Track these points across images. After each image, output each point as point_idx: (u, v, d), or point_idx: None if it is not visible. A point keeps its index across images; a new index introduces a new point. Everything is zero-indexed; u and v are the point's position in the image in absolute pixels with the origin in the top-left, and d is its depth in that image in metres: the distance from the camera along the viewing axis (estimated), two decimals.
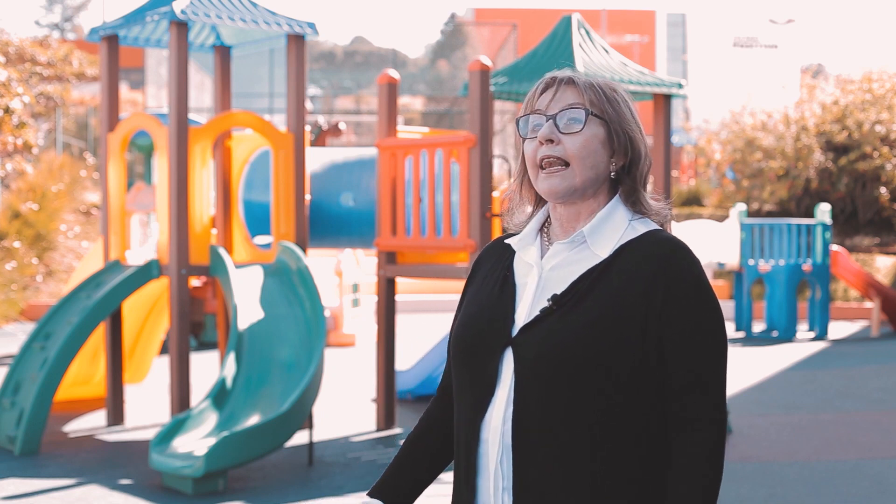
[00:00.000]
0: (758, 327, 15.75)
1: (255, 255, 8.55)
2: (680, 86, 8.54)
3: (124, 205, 8.56)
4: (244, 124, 8.39)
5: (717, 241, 15.37)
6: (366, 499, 2.23)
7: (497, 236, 2.40)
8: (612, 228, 2.09)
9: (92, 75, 22.18)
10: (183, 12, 7.80)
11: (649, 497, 2.02)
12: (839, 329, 16.12)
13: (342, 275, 14.24)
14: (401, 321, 13.21)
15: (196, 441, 6.78)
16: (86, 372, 9.67)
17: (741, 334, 15.39)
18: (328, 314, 14.07)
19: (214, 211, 8.80)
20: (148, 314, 9.84)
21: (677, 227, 15.45)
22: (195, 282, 12.53)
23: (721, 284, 18.37)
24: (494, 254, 2.23)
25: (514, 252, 2.18)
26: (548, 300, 2.06)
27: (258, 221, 8.75)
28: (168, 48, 8.02)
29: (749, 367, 12.03)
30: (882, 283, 15.86)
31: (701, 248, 15.20)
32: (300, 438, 7.83)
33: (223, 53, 9.10)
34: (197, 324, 13.46)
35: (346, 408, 9.46)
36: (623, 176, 2.12)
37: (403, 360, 10.73)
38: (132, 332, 9.82)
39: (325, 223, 8.82)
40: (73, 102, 24.93)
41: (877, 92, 21.34)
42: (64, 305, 8.24)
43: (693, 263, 2.06)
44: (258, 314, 7.57)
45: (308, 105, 12.70)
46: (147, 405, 9.38)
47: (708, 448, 2.01)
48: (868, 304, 17.23)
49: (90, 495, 6.54)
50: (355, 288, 14.57)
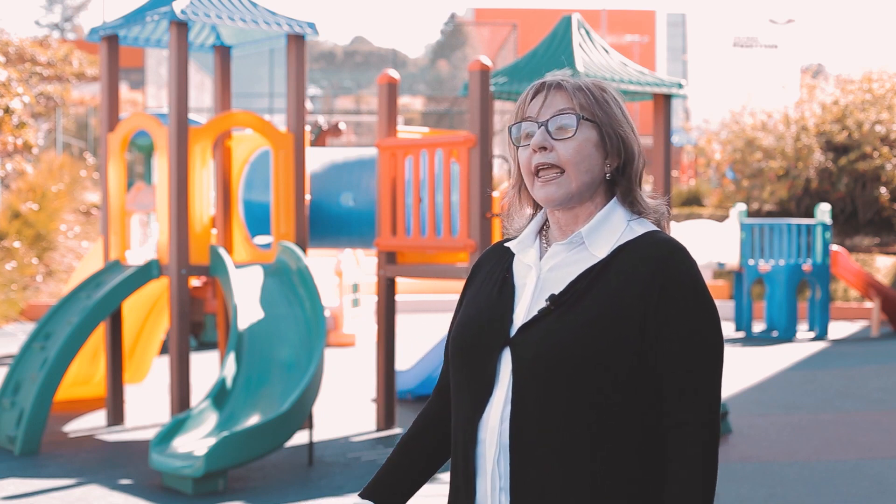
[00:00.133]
0: (758, 327, 15.75)
1: (255, 255, 8.55)
2: (680, 86, 8.54)
3: (124, 205, 8.56)
4: (244, 124, 8.39)
5: (717, 241, 15.36)
6: (358, 499, 2.23)
7: (496, 236, 2.41)
8: (610, 229, 2.10)
9: (92, 75, 22.18)
10: (183, 12, 7.80)
11: (648, 497, 2.02)
12: (839, 329, 16.11)
13: (342, 275, 14.24)
14: (401, 321, 13.21)
15: (196, 441, 6.78)
16: (86, 372, 9.67)
17: (741, 334, 15.39)
18: (328, 314, 14.07)
19: (214, 211, 8.80)
20: (148, 314, 9.84)
21: (677, 228, 15.44)
22: (195, 282, 12.53)
23: (721, 284, 18.37)
24: (494, 257, 2.24)
25: (514, 255, 2.19)
26: (546, 300, 2.06)
27: (258, 221, 8.75)
28: (168, 48, 8.02)
29: (749, 367, 12.03)
30: (882, 283, 15.85)
31: (701, 249, 15.20)
32: (300, 438, 7.83)
33: (223, 53, 9.10)
34: (197, 324, 13.46)
35: (346, 408, 9.46)
36: (618, 177, 2.13)
37: (403, 360, 10.73)
38: (132, 332, 9.82)
39: (325, 223, 8.82)
40: (73, 102, 24.92)
41: (877, 92, 21.33)
42: (64, 305, 8.25)
43: (690, 266, 2.06)
44: (258, 314, 7.57)
45: (308, 105, 12.70)
46: (147, 405, 9.38)
47: (700, 449, 2.00)
48: (868, 304, 17.23)
49: (90, 495, 6.54)
50: (355, 288, 14.57)
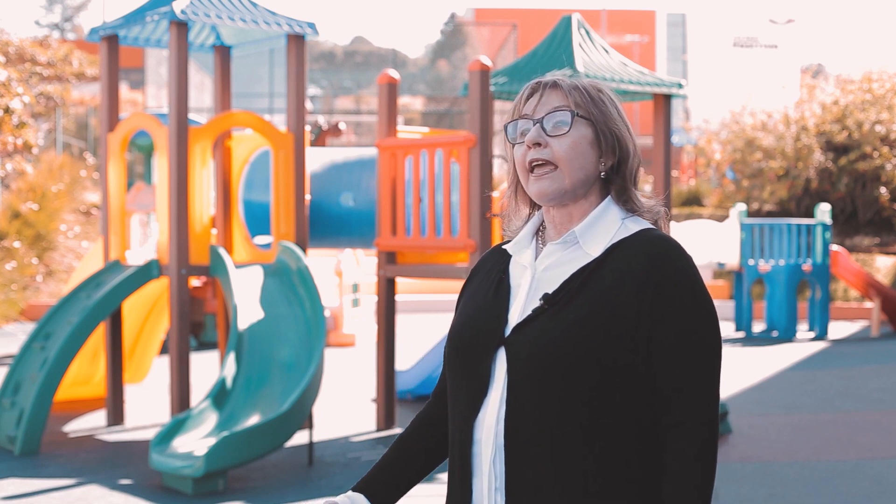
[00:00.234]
0: (758, 327, 15.75)
1: (255, 255, 8.55)
2: (680, 86, 8.54)
3: (124, 205, 8.56)
4: (244, 124, 8.39)
5: (717, 241, 15.36)
6: (350, 493, 2.23)
7: (496, 236, 2.41)
8: (604, 228, 2.10)
9: (92, 75, 22.18)
10: (183, 12, 7.80)
11: (645, 496, 2.02)
12: (839, 329, 16.11)
13: (342, 275, 14.24)
14: (401, 321, 13.21)
15: (196, 441, 6.78)
16: (86, 372, 9.67)
17: (741, 334, 15.39)
18: (328, 314, 14.07)
19: (214, 211, 8.80)
20: (148, 314, 9.85)
21: (677, 228, 15.44)
22: (195, 282, 12.53)
23: (721, 284, 18.37)
24: (492, 259, 2.24)
25: (511, 256, 2.19)
26: (539, 299, 2.06)
27: (258, 221, 8.75)
28: (168, 48, 8.02)
29: (749, 367, 12.03)
30: (882, 283, 15.85)
31: (701, 249, 15.20)
32: (300, 438, 7.83)
33: (223, 53, 9.10)
34: (197, 324, 13.47)
35: (346, 408, 9.46)
36: (613, 175, 2.13)
37: (403, 360, 10.73)
38: (132, 332, 9.82)
39: (325, 223, 8.82)
40: (73, 102, 24.92)
41: (877, 92, 21.33)
42: (64, 305, 8.25)
43: (686, 263, 2.05)
44: (258, 314, 7.57)
45: (308, 105, 12.69)
46: (147, 405, 9.38)
47: (697, 448, 2.00)
48: (868, 304, 17.23)
49: (90, 495, 6.54)
50: (355, 288, 14.57)
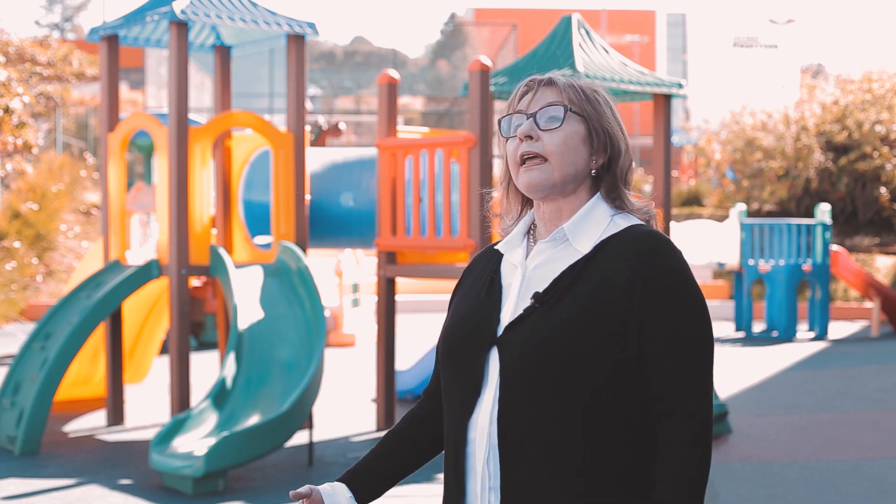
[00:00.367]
0: (758, 327, 15.75)
1: (255, 255, 8.55)
2: (680, 86, 8.54)
3: (124, 205, 8.56)
4: (244, 124, 8.39)
5: (717, 241, 15.37)
6: (334, 483, 2.24)
7: (497, 237, 2.41)
8: (593, 224, 2.10)
9: (92, 75, 22.18)
10: (183, 12, 7.80)
11: (639, 492, 2.02)
12: (839, 329, 16.11)
13: (342, 275, 14.24)
14: (401, 321, 13.21)
15: (196, 441, 6.78)
16: (86, 372, 9.67)
17: (741, 334, 15.39)
18: (328, 314, 14.07)
19: (214, 211, 8.80)
20: (148, 314, 9.85)
21: (677, 228, 15.44)
22: (195, 282, 12.53)
23: (721, 284, 18.37)
24: (483, 259, 2.25)
25: (503, 256, 2.20)
26: (530, 298, 2.06)
27: (258, 221, 8.75)
28: (168, 48, 8.02)
29: (749, 367, 12.03)
30: (882, 283, 15.86)
31: (701, 249, 15.20)
32: (300, 438, 7.83)
33: (223, 53, 9.10)
34: (197, 324, 13.47)
35: (346, 408, 9.46)
36: (604, 173, 2.13)
37: (403, 360, 10.73)
38: (132, 332, 9.82)
39: (325, 223, 8.82)
40: (73, 102, 24.92)
41: (877, 92, 21.34)
42: (64, 305, 8.25)
43: (675, 258, 2.05)
44: (258, 314, 7.57)
45: (308, 105, 12.69)
46: (147, 405, 9.38)
47: (689, 440, 1.99)
48: (868, 304, 17.23)
49: (90, 495, 6.54)
50: (355, 288, 14.57)
